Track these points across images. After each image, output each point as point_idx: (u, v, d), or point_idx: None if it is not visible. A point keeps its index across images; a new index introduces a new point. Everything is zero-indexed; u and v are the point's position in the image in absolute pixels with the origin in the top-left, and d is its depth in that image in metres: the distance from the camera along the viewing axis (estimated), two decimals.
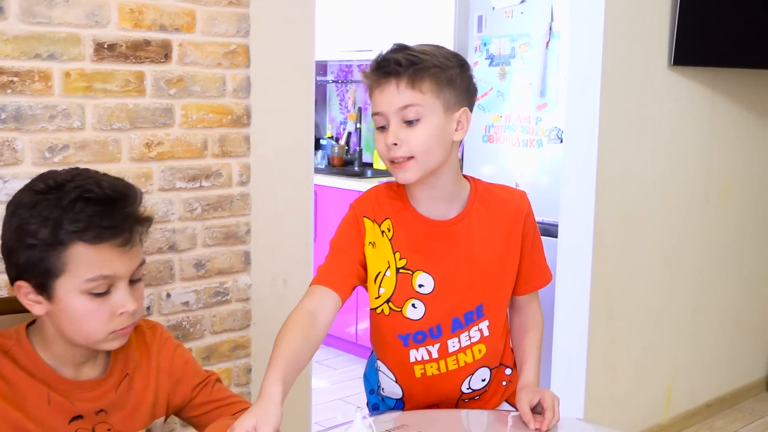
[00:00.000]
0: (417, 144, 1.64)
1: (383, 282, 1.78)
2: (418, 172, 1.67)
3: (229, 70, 2.58)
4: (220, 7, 2.54)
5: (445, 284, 1.78)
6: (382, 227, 1.77)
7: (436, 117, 1.65)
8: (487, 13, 4.09)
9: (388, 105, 1.64)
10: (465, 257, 1.78)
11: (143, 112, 2.42)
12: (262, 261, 2.71)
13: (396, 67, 1.62)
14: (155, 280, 2.49)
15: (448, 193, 1.76)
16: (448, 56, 1.69)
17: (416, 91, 1.62)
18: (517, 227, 1.83)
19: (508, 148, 4.04)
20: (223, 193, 2.60)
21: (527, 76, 3.93)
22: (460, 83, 1.69)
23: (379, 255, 1.77)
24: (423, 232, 1.76)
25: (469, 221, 1.78)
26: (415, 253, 1.76)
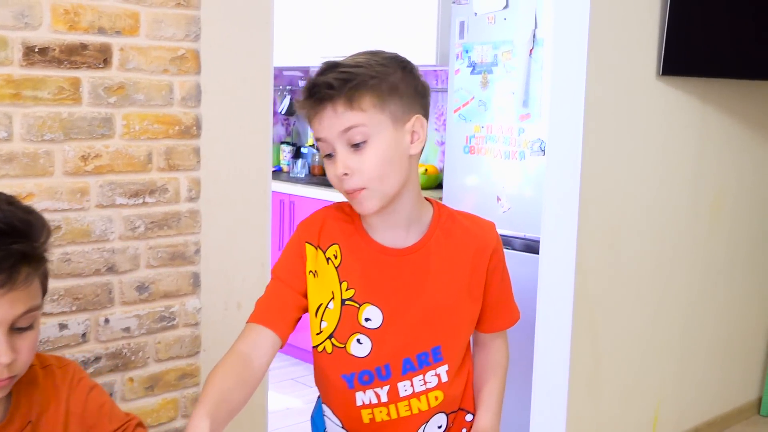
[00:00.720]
0: (369, 171, 1.45)
1: (325, 315, 1.58)
2: (378, 201, 1.49)
3: (177, 77, 2.34)
4: (168, 8, 2.31)
5: (395, 318, 1.58)
6: (327, 253, 1.58)
7: (385, 134, 1.46)
8: (470, 18, 3.86)
9: (329, 130, 1.46)
10: (420, 290, 1.58)
11: (79, 122, 2.19)
12: (213, 283, 2.48)
13: (327, 91, 1.43)
14: (91, 305, 2.26)
15: (406, 218, 1.57)
16: (386, 61, 1.49)
17: (356, 110, 1.44)
18: (482, 262, 1.62)
19: (490, 160, 3.81)
20: (170, 210, 2.37)
21: (510, 85, 3.71)
22: (406, 88, 1.49)
23: (321, 285, 1.58)
24: (374, 260, 1.57)
25: (428, 251, 1.58)
26: (364, 284, 1.57)
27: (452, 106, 3.94)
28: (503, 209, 3.77)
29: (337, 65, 1.46)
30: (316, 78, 1.46)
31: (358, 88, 1.42)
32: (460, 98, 3.90)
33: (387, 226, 1.56)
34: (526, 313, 3.61)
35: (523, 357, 3.63)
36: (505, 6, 3.72)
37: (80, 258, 2.23)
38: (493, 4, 3.77)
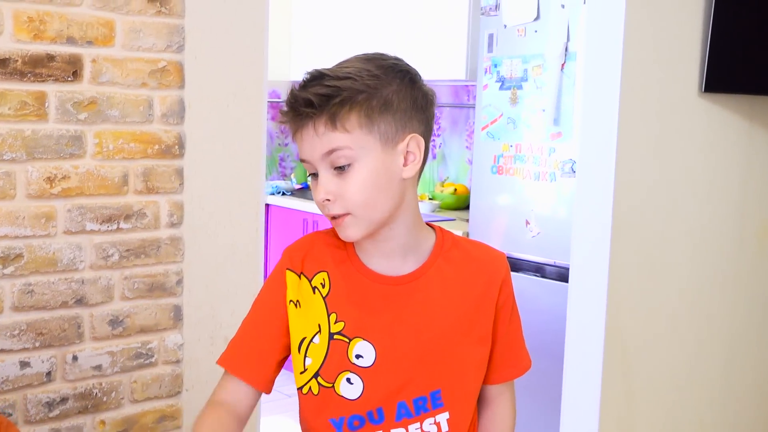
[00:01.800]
0: (352, 197, 1.27)
1: (309, 350, 1.37)
2: (362, 229, 1.30)
3: (158, 91, 2.10)
4: (147, 16, 2.07)
5: (390, 356, 1.36)
6: (313, 281, 1.38)
7: (372, 156, 1.27)
8: (499, 31, 3.57)
9: (311, 152, 1.28)
10: (418, 324, 1.37)
11: (44, 140, 1.96)
12: (196, 316, 2.23)
13: (308, 109, 1.25)
14: (58, 340, 2.03)
15: (402, 245, 1.36)
16: (380, 71, 1.29)
17: (339, 131, 1.25)
18: (491, 295, 1.41)
19: (519, 181, 3.52)
20: (148, 237, 2.13)
21: (540, 101, 3.41)
22: (400, 103, 1.29)
23: (305, 317, 1.38)
24: (367, 289, 1.37)
25: (428, 280, 1.37)
26: (355, 316, 1.36)
27: (480, 124, 3.66)
28: (532, 234, 3.47)
29: (322, 76, 1.27)
30: (297, 91, 1.27)
31: (343, 105, 1.24)
32: (488, 115, 3.62)
33: (381, 253, 1.36)
34: (555, 346, 3.31)
35: (550, 394, 3.33)
36: (536, 17, 3.43)
37: (45, 289, 2.00)
38: (523, 15, 3.48)
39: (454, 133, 4.49)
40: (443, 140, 4.54)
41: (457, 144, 4.47)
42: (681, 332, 3.27)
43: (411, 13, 4.27)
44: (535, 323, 3.46)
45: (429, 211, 4.14)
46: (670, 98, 3.02)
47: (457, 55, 4.02)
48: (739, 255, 3.41)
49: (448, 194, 4.25)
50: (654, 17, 2.90)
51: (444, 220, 3.96)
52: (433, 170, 4.60)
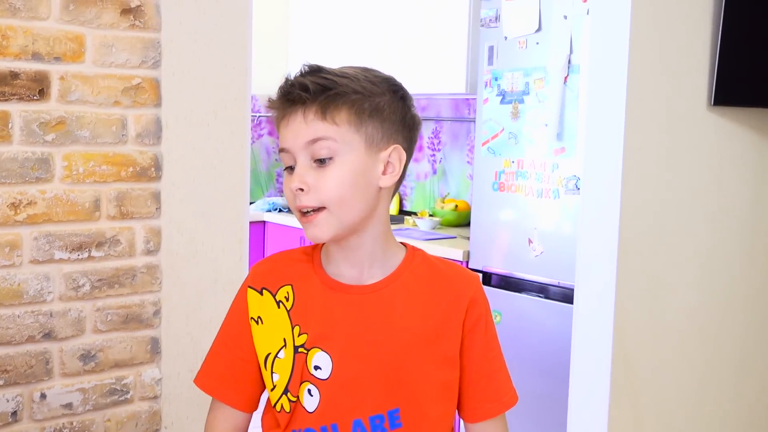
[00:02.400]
0: (329, 190, 1.24)
1: (275, 366, 1.34)
2: (332, 228, 1.27)
3: (132, 109, 1.95)
4: (120, 30, 1.92)
5: (346, 368, 1.31)
6: (278, 296, 1.35)
7: (354, 155, 1.26)
8: (499, 43, 3.42)
9: (294, 139, 1.26)
10: (378, 337, 1.31)
11: (8, 163, 1.81)
12: (176, 349, 2.07)
13: (302, 93, 1.24)
14: (24, 378, 1.87)
15: (370, 254, 1.33)
16: (377, 81, 1.30)
17: (328, 122, 1.24)
18: (457, 314, 1.34)
19: (521, 198, 3.36)
20: (122, 265, 1.98)
21: (543, 115, 3.26)
22: (391, 114, 1.29)
23: (269, 332, 1.34)
24: (327, 298, 1.33)
25: (392, 292, 1.33)
26: (315, 326, 1.32)
27: (480, 139, 3.50)
28: (535, 253, 3.31)
29: (320, 69, 1.28)
30: (293, 78, 1.27)
31: (336, 99, 1.24)
32: (489, 130, 3.46)
33: (347, 262, 1.33)
34: (560, 369, 3.15)
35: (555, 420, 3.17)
36: (537, 29, 3.28)
37: (9, 323, 1.85)
38: (524, 26, 3.33)
39: (454, 148, 4.34)
40: (444, 155, 4.39)
41: (458, 159, 4.31)
42: (690, 356, 3.12)
43: (410, 25, 4.12)
44: (538, 346, 3.31)
45: (429, 228, 3.98)
46: (678, 112, 2.87)
47: (457, 67, 3.87)
48: (750, 274, 3.26)
49: (448, 211, 4.09)
50: (661, 27, 2.75)
51: (444, 238, 3.80)
52: (434, 186, 4.44)
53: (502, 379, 1.40)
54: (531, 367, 3.32)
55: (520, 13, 3.35)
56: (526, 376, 3.33)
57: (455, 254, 3.55)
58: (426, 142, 4.48)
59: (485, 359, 1.36)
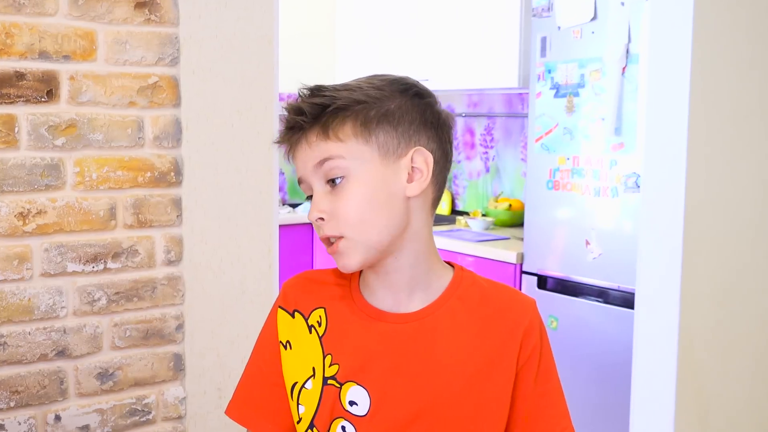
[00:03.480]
0: (346, 215, 1.12)
1: (302, 397, 1.21)
2: (359, 255, 1.14)
3: (149, 110, 1.81)
4: (134, 25, 1.77)
5: (386, 405, 1.17)
6: (310, 319, 1.23)
7: (368, 169, 1.13)
8: (552, 33, 3.20)
9: (303, 166, 1.15)
10: (420, 371, 1.17)
11: (15, 170, 1.67)
12: (201, 366, 1.92)
13: (298, 118, 1.14)
14: (36, 399, 1.74)
15: (410, 278, 1.19)
16: (383, 85, 1.16)
17: (333, 140, 1.12)
18: (511, 348, 1.19)
19: (578, 197, 3.14)
20: (141, 277, 1.83)
21: (599, 109, 3.04)
22: (404, 116, 1.15)
23: (298, 359, 1.22)
24: (365, 327, 1.19)
25: (436, 320, 1.18)
26: (350, 358, 1.19)
27: (533, 135, 3.29)
28: (593, 255, 3.09)
29: (318, 89, 1.16)
30: (290, 104, 1.17)
31: (337, 114, 1.12)
32: (543, 125, 3.25)
33: (385, 287, 1.19)
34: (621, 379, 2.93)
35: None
36: (592, 17, 3.05)
37: (20, 341, 1.71)
38: (578, 15, 3.11)
39: (508, 145, 4.13)
40: (497, 152, 4.18)
41: (512, 156, 4.10)
42: (764, 367, 2.88)
43: (459, 18, 3.92)
44: (597, 353, 3.09)
45: (482, 228, 3.78)
46: (746, 104, 2.65)
47: (509, 60, 3.66)
48: None
49: (502, 210, 3.88)
50: (726, 13, 2.52)
51: (497, 239, 3.60)
52: (487, 184, 4.23)
53: (556, 417, 1.22)
54: (589, 376, 3.10)
55: (574, 1, 3.13)
56: (585, 385, 3.12)
57: (508, 256, 3.34)
58: (478, 140, 4.28)
59: (537, 396, 1.20)
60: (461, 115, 4.34)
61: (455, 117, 1.12)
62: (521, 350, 1.18)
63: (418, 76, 1.21)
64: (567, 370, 3.25)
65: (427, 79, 4.06)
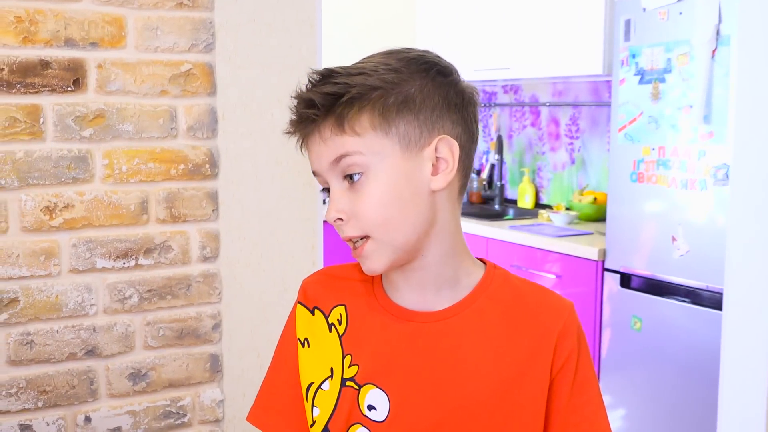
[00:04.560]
0: (369, 214, 1.03)
1: (317, 398, 1.13)
2: (385, 257, 1.05)
3: (182, 99, 1.71)
4: (165, 10, 1.67)
5: (406, 410, 1.08)
6: (330, 317, 1.15)
7: (390, 163, 1.03)
8: (637, 16, 2.97)
9: (318, 161, 1.05)
10: (444, 374, 1.08)
11: (40, 162, 1.60)
12: (239, 367, 1.82)
13: (310, 111, 1.03)
14: (65, 399, 1.66)
15: (437, 276, 1.09)
16: (401, 65, 1.05)
17: (348, 134, 1.02)
18: (544, 354, 1.08)
19: (663, 190, 2.91)
20: (175, 274, 1.74)
21: (687, 96, 2.80)
22: (426, 100, 1.04)
23: (315, 358, 1.14)
24: (387, 326, 1.10)
25: (463, 321, 1.08)
26: (370, 358, 1.10)
27: (617, 124, 3.07)
28: (679, 252, 2.86)
29: (330, 74, 1.03)
30: (300, 93, 1.06)
31: (353, 104, 1.01)
32: (626, 114, 3.03)
33: (410, 285, 1.10)
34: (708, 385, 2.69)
35: None
36: None
37: (47, 339, 1.64)
38: None
39: (594, 135, 3.90)
40: (582, 143, 3.95)
41: (598, 147, 3.86)
42: None
43: (541, 2, 3.71)
44: (684, 357, 2.86)
45: (564, 223, 3.57)
46: None
47: (593, 46, 3.44)
48: None
49: (587, 204, 3.66)
50: None
51: (578, 234, 3.39)
52: (572, 177, 4.01)
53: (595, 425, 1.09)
54: (674, 381, 2.87)
55: None
56: (670, 390, 2.89)
57: (590, 253, 3.14)
58: (563, 130, 4.06)
59: (574, 408, 1.08)
60: (545, 105, 4.12)
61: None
62: (555, 355, 1.07)
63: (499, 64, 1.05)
64: (649, 374, 3.03)
65: (508, 68, 3.87)
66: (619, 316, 3.10)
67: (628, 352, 3.06)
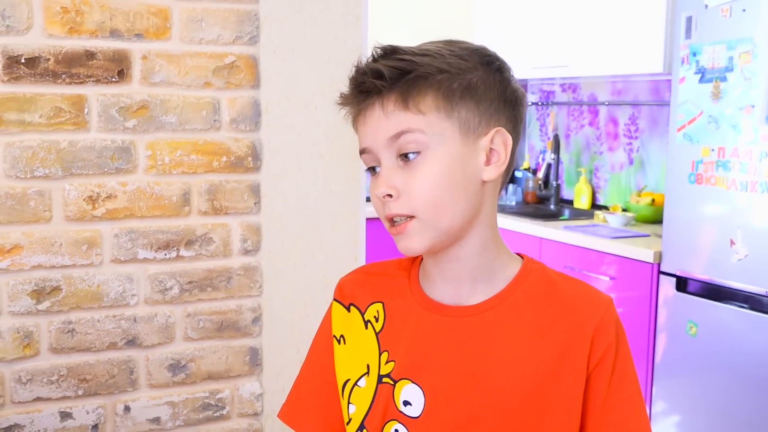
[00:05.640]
0: (421, 193, 1.02)
1: (353, 395, 1.13)
2: (427, 238, 1.04)
3: (225, 91, 1.70)
4: (210, 2, 1.67)
5: (441, 405, 1.07)
6: (367, 314, 1.14)
7: (447, 147, 1.03)
8: (699, 13, 2.88)
9: (374, 136, 1.04)
10: (479, 369, 1.06)
11: (84, 152, 1.61)
12: (279, 362, 1.80)
13: (377, 81, 1.02)
14: (105, 388, 1.67)
15: (473, 269, 1.08)
16: (465, 54, 1.06)
17: (412, 111, 1.02)
18: (580, 348, 1.06)
19: (722, 192, 2.82)
20: (216, 266, 1.73)
21: (749, 95, 2.70)
22: (487, 91, 1.05)
23: (351, 355, 1.14)
24: (422, 320, 1.10)
25: (498, 315, 1.07)
26: (406, 354, 1.10)
27: (675, 124, 2.99)
28: (738, 256, 2.77)
29: (395, 50, 1.04)
30: (365, 65, 1.05)
31: (418, 82, 1.01)
32: (686, 113, 2.94)
33: (446, 278, 1.10)
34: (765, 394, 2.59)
35: None
36: None
37: (88, 328, 1.65)
38: None
39: (653, 135, 3.80)
40: (641, 143, 3.86)
41: (657, 147, 3.77)
42: None
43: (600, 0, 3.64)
44: (741, 364, 2.76)
45: (621, 224, 3.49)
46: None
47: (653, 43, 3.36)
48: None
49: (644, 205, 3.57)
50: None
51: (634, 236, 3.31)
52: (630, 178, 3.92)
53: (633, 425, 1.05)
54: (730, 388, 2.78)
55: None
56: (724, 397, 2.80)
57: (645, 255, 3.06)
58: (622, 129, 3.97)
59: (612, 405, 1.05)
60: (604, 104, 4.04)
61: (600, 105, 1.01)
62: (592, 350, 1.05)
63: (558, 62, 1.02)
64: (704, 381, 2.93)
65: (566, 66, 3.80)
66: (674, 321, 3.01)
67: (683, 358, 2.98)
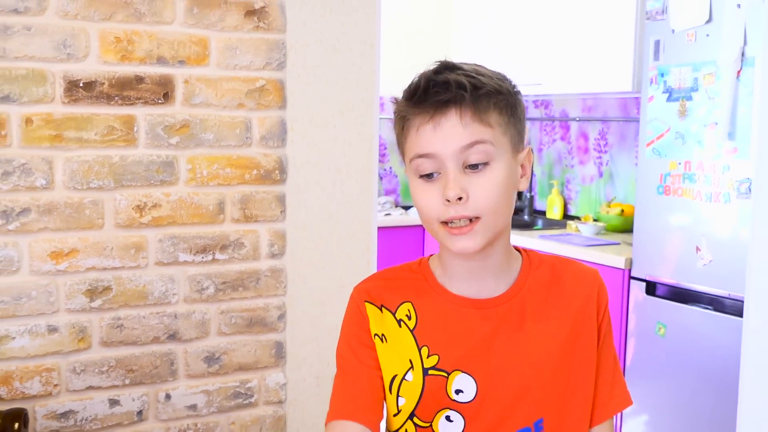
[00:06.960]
0: (486, 198, 1.14)
1: (402, 389, 1.23)
2: (484, 239, 1.16)
3: (256, 112, 1.93)
4: (244, 32, 1.89)
5: (492, 388, 1.22)
6: (398, 314, 1.24)
7: (505, 159, 1.16)
8: (666, 37, 3.17)
9: (445, 144, 1.13)
10: (516, 350, 1.23)
11: (133, 166, 1.82)
12: (301, 354, 2.03)
13: (459, 91, 1.12)
14: (149, 378, 1.88)
15: (498, 265, 1.24)
16: (502, 78, 1.20)
17: (484, 124, 1.13)
18: (591, 314, 1.28)
19: (688, 202, 3.10)
20: (246, 268, 1.95)
21: (713, 113, 2.99)
22: (521, 113, 1.20)
23: (393, 352, 1.24)
24: (458, 316, 1.23)
25: (521, 301, 1.24)
26: (450, 347, 1.23)
27: (645, 139, 3.27)
28: (703, 262, 3.05)
29: (456, 66, 1.16)
30: (442, 75, 1.14)
31: (488, 98, 1.13)
32: (654, 130, 3.22)
33: (472, 276, 1.23)
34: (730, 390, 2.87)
35: None
36: (707, 20, 3.01)
37: (135, 324, 1.86)
38: (693, 18, 3.07)
39: (622, 150, 4.09)
40: (610, 157, 4.15)
41: (626, 161, 4.06)
42: None
43: (574, 20, 3.92)
44: (706, 362, 3.04)
45: (592, 234, 3.77)
46: None
47: (623, 64, 3.64)
48: None
49: (614, 215, 3.86)
50: None
51: (606, 244, 3.58)
52: (600, 189, 4.21)
53: (619, 378, 1.32)
54: (698, 386, 3.05)
55: (689, 4, 3.10)
56: (691, 395, 3.07)
57: (617, 261, 3.33)
58: (592, 144, 4.26)
59: (610, 356, 1.30)
60: (575, 120, 4.33)
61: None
62: (598, 310, 1.27)
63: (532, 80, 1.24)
64: (672, 380, 3.21)
65: (540, 83, 4.08)
66: (644, 323, 3.28)
67: (653, 358, 3.24)
